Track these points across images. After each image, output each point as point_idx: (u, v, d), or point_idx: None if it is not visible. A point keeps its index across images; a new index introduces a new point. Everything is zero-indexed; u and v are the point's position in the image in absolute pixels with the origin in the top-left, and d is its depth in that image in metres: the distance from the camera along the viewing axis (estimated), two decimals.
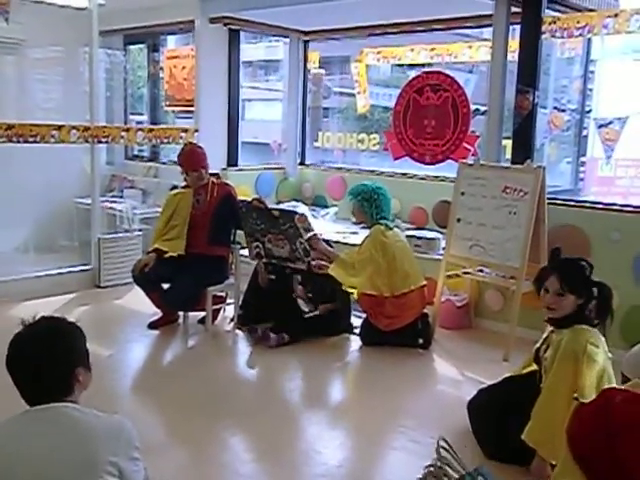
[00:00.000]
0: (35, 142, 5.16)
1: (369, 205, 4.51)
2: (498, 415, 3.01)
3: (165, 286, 4.63)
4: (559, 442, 2.64)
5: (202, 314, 4.76)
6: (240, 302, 4.85)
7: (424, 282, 4.56)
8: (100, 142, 5.72)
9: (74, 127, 5.42)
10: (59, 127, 5.31)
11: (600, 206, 4.65)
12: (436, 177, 6.00)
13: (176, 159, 4.90)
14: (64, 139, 5.34)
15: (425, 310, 4.58)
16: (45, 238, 6.59)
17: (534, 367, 3.09)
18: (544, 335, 3.03)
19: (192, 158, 4.73)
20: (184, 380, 3.90)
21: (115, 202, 6.84)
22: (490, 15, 4.95)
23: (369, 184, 4.62)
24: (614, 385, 2.77)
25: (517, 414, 2.84)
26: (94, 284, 5.74)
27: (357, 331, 4.69)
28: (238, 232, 4.85)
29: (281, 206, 5.74)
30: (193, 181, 4.74)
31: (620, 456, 1.24)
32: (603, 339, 2.82)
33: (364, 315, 4.60)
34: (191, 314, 4.80)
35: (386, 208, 4.57)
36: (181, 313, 4.83)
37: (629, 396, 1.34)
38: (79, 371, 1.83)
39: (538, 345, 3.04)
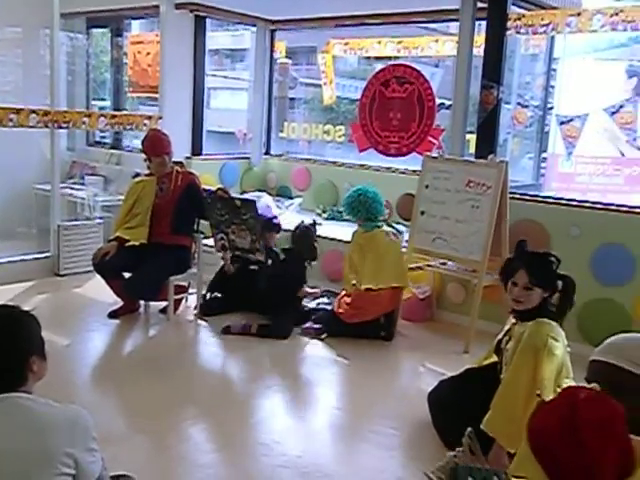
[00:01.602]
0: None
1: (353, 214, 4.55)
2: (458, 406, 3.05)
3: (127, 275, 4.57)
4: (517, 432, 2.69)
5: (164, 304, 4.71)
6: (206, 291, 4.86)
7: (398, 284, 4.50)
8: (60, 127, 5.60)
9: (33, 111, 5.28)
10: (18, 111, 5.16)
11: (560, 202, 4.73)
12: (398, 170, 6.05)
13: (140, 145, 4.84)
14: (23, 123, 5.20)
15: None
16: (3, 224, 6.44)
17: (494, 359, 3.13)
18: (506, 327, 3.07)
19: (156, 143, 4.68)
20: (144, 370, 3.85)
21: (76, 189, 6.71)
22: (457, 10, 4.99)
23: (348, 193, 4.60)
24: (571, 378, 2.83)
25: (477, 405, 2.88)
26: (53, 272, 5.63)
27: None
28: (202, 222, 4.81)
29: (244, 196, 5.71)
30: (156, 167, 4.68)
31: (587, 448, 1.33)
32: (563, 333, 2.87)
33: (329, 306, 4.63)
34: (152, 303, 4.74)
35: (364, 210, 4.50)
36: (142, 302, 4.77)
37: (591, 394, 1.45)
38: (33, 360, 1.79)
39: (500, 337, 3.08)
